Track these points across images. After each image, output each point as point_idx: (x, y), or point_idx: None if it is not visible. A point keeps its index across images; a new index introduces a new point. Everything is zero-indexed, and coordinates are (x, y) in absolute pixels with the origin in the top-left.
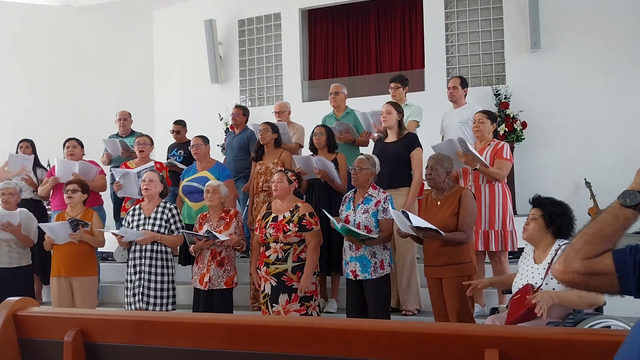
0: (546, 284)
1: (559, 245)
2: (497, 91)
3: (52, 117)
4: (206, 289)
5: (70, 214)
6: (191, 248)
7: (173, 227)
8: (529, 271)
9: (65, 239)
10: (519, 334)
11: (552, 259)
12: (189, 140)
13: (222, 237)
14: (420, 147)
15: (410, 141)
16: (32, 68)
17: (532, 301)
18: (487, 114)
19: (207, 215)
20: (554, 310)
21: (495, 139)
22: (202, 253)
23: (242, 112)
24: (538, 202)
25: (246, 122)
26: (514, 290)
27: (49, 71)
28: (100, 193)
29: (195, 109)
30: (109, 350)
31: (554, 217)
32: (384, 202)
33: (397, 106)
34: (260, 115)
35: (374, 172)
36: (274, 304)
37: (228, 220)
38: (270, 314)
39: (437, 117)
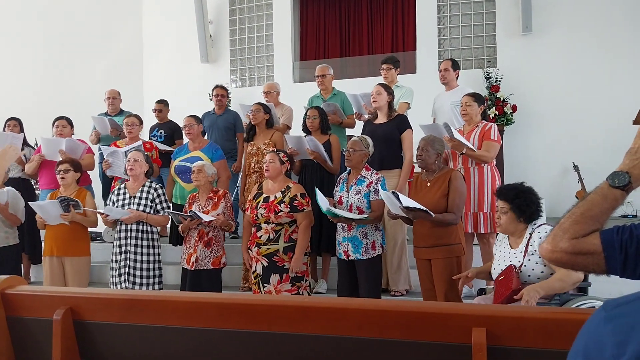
0: (525, 265)
1: (532, 228)
2: (488, 74)
3: (38, 96)
4: (193, 269)
5: (64, 194)
6: (179, 228)
7: (159, 207)
8: (507, 256)
9: (57, 220)
10: (505, 313)
11: (528, 243)
12: (170, 120)
13: (206, 217)
14: (411, 128)
15: (400, 122)
16: (18, 45)
17: (521, 302)
18: (474, 96)
19: (197, 195)
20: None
21: (483, 121)
22: (189, 233)
23: (226, 92)
24: (503, 195)
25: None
26: (495, 275)
27: (35, 49)
28: (89, 172)
29: (184, 89)
30: (98, 329)
31: (522, 207)
32: (376, 183)
33: (387, 87)
34: (251, 96)
35: (367, 154)
36: (265, 284)
37: (216, 200)
38: (262, 293)
39: (429, 99)
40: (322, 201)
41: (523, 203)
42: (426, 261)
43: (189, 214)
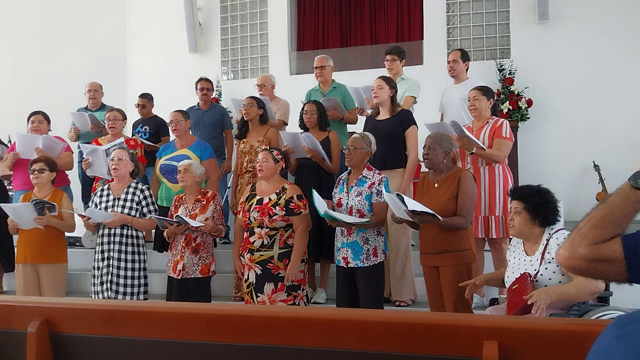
0: (541, 274)
1: (549, 234)
2: (501, 66)
3: (13, 89)
4: (180, 277)
5: (38, 196)
6: (165, 233)
7: (145, 209)
8: (522, 263)
9: (31, 224)
10: (519, 325)
11: (545, 249)
12: (155, 116)
13: (193, 222)
14: (416, 124)
15: (404, 118)
16: None
17: (528, 301)
18: (482, 89)
19: (183, 197)
20: (557, 301)
21: (494, 116)
22: (175, 239)
23: (212, 86)
24: (518, 194)
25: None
26: (508, 282)
27: (10, 39)
28: (67, 172)
29: (171, 81)
30: (77, 342)
31: (538, 208)
32: (379, 184)
33: (389, 81)
34: (244, 89)
35: (369, 152)
36: (258, 294)
37: (205, 202)
38: (254, 304)
39: (436, 93)
40: (320, 203)
41: (538, 202)
42: (433, 269)
43: (175, 219)
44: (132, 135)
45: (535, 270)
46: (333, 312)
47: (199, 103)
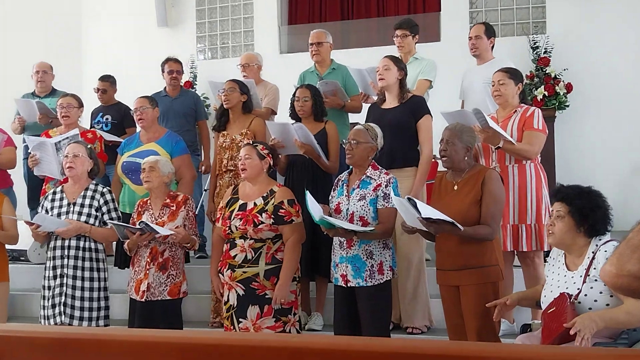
0: (585, 294)
1: (596, 245)
2: (534, 43)
3: None
4: (144, 299)
5: None
6: (125, 245)
7: (106, 216)
8: (562, 280)
9: None
10: (557, 357)
11: (590, 264)
12: (119, 103)
13: (163, 230)
14: (430, 114)
15: (416, 107)
16: None
17: (570, 331)
18: (508, 72)
19: (148, 201)
20: (602, 329)
21: (522, 104)
22: (138, 252)
23: (182, 67)
24: (561, 195)
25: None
26: (545, 304)
27: None
28: (9, 171)
29: (136, 61)
30: None
31: (585, 212)
32: (386, 186)
33: (397, 60)
34: (224, 71)
35: (374, 147)
36: (241, 319)
37: (174, 208)
38: (236, 331)
39: (456, 76)
40: (314, 208)
41: (586, 206)
42: (453, 288)
43: (138, 227)
44: (91, 127)
45: (577, 289)
46: (331, 341)
47: (165, 88)
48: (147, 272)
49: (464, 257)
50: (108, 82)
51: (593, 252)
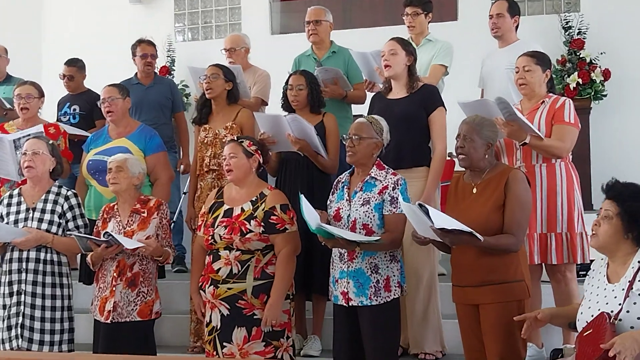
0: (627, 311)
1: None
2: (566, 22)
3: None
4: (109, 321)
5: None
6: (88, 258)
7: (71, 224)
8: (601, 295)
9: None
10: None
11: (635, 276)
12: (89, 91)
13: (129, 243)
14: (443, 105)
15: (427, 97)
16: None
17: (609, 352)
18: (535, 56)
19: (115, 206)
20: None
21: (551, 94)
22: (103, 267)
23: (156, 51)
24: (614, 192)
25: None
26: (581, 324)
27: None
28: None
29: (105, 43)
30: None
31: (637, 217)
32: (393, 189)
33: (405, 44)
34: (206, 55)
35: (379, 143)
36: (225, 343)
37: (145, 214)
38: (219, 356)
39: (475, 60)
40: (310, 215)
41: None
42: (471, 308)
43: (103, 238)
44: (57, 119)
45: (618, 304)
46: None
47: (137, 74)
48: (114, 289)
49: (485, 271)
50: (75, 67)
51: (639, 262)
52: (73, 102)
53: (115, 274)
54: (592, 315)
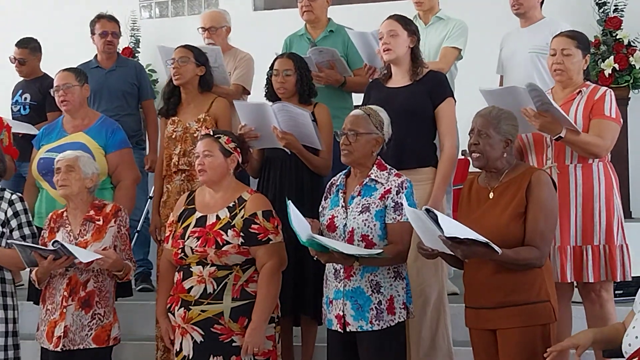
0: None
1: None
2: None
3: None
4: (59, 348)
5: None
6: (33, 274)
7: (16, 233)
8: None
9: None
10: None
11: None
12: (44, 76)
13: (85, 254)
14: (452, 96)
15: (434, 86)
16: None
17: None
18: (577, 38)
19: (65, 213)
20: None
21: (588, 82)
22: (51, 284)
23: (119, 29)
24: None
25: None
26: (629, 350)
27: None
28: None
29: (58, 23)
30: None
31: None
32: (397, 193)
33: (406, 22)
34: (179, 34)
35: (380, 139)
36: None
37: (101, 222)
38: None
39: (493, 42)
40: (300, 224)
41: None
42: (488, 333)
43: (51, 248)
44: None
45: None
46: None
47: (96, 57)
48: (64, 310)
49: (503, 290)
50: (27, 49)
51: None
52: (25, 90)
53: (65, 293)
54: None
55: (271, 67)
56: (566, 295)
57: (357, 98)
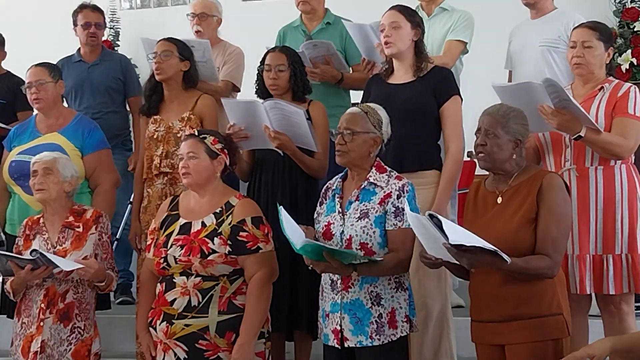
0: None
1: None
2: None
3: None
4: None
5: None
6: (7, 285)
7: None
8: None
9: None
10: None
11: None
12: (8, 74)
13: (65, 263)
14: (459, 93)
15: (439, 82)
16: None
17: None
18: (599, 30)
19: (41, 219)
20: None
21: (611, 78)
22: (27, 296)
23: (103, 19)
24: None
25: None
26: None
27: None
28: None
29: (33, 13)
30: None
31: None
32: (398, 197)
33: (410, 13)
34: (163, 25)
35: (378, 139)
36: None
37: (80, 229)
38: None
39: (501, 35)
40: (293, 231)
41: None
42: (496, 349)
43: (29, 257)
44: None
45: None
46: None
47: (80, 50)
48: (41, 324)
49: (512, 302)
50: None
51: None
52: None
53: (43, 305)
54: None
55: (262, 62)
56: (582, 307)
57: (355, 96)
